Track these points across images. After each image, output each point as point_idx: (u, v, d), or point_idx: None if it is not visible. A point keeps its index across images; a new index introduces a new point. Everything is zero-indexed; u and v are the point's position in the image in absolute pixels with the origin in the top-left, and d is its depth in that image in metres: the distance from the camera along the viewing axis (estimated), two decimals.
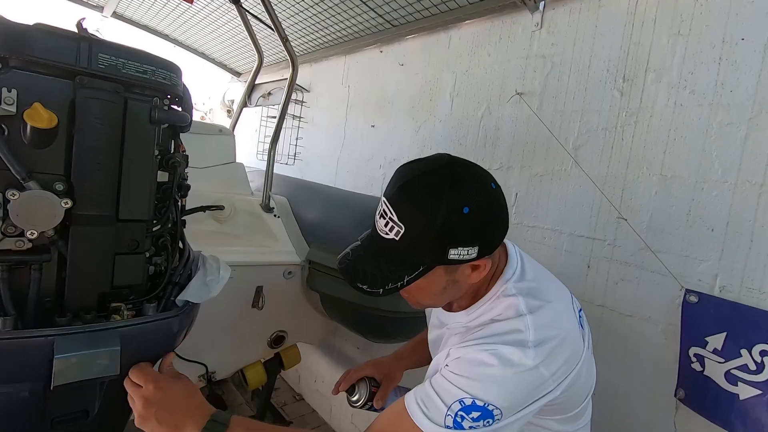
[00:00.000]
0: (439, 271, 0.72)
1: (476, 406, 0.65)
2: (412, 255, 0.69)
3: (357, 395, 0.96)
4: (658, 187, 1.37)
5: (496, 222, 0.73)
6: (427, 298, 0.79)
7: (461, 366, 0.69)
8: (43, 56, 0.65)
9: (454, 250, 0.68)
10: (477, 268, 0.74)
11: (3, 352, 0.60)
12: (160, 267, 0.84)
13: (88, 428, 0.77)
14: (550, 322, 0.73)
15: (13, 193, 0.61)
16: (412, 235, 0.68)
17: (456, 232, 0.68)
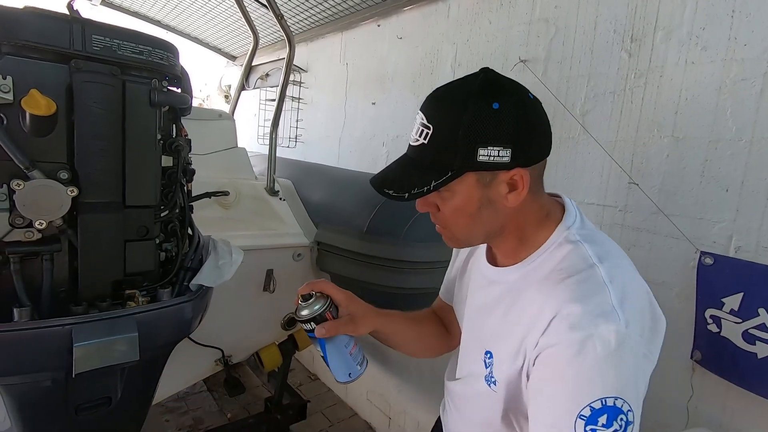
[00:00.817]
0: (470, 180, 0.65)
1: (597, 410, 0.56)
2: (441, 158, 0.64)
3: (307, 309, 0.76)
4: (669, 149, 1.34)
5: (533, 128, 0.64)
6: (460, 219, 0.69)
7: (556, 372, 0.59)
8: (36, 40, 0.63)
9: (483, 149, 0.62)
10: (514, 188, 0.65)
11: (22, 342, 0.60)
12: (171, 253, 0.84)
13: (112, 414, 0.77)
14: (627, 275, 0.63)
15: (18, 183, 0.60)
16: (439, 134, 0.64)
17: (484, 127, 0.62)
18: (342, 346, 0.78)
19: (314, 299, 0.78)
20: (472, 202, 0.66)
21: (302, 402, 2.11)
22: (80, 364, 0.61)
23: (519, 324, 0.65)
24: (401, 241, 1.52)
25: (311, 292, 0.79)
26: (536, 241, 0.70)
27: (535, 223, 0.71)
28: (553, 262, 0.67)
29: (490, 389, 0.70)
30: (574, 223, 0.69)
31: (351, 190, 1.80)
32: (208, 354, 1.61)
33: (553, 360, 0.59)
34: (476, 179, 0.65)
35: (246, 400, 2.74)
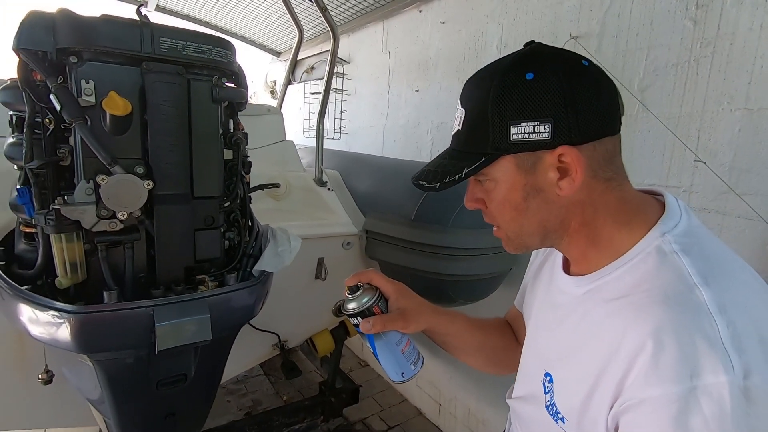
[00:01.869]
0: (509, 165, 0.55)
1: None
2: (474, 142, 0.57)
3: (355, 302, 0.70)
4: (742, 122, 1.24)
5: (582, 98, 0.52)
6: (506, 213, 0.59)
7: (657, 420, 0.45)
8: (112, 46, 0.68)
9: (516, 126, 0.53)
10: (565, 173, 0.54)
11: (111, 322, 0.66)
12: (234, 241, 0.89)
13: (187, 390, 0.84)
14: (748, 302, 0.48)
15: (102, 178, 0.66)
16: (470, 115, 0.56)
17: (515, 100, 0.53)
18: (393, 344, 0.71)
19: (362, 291, 0.71)
20: (516, 192, 0.57)
21: (354, 386, 2.17)
22: (161, 342, 0.66)
23: (587, 352, 0.54)
24: (449, 228, 1.52)
25: (359, 283, 0.73)
26: (616, 246, 0.56)
27: (613, 223, 0.57)
28: (636, 277, 0.52)
29: (558, 426, 0.59)
30: (675, 228, 0.54)
31: (397, 179, 1.82)
32: (265, 339, 1.69)
33: (645, 422, 0.46)
34: (515, 163, 0.55)
35: (300, 384, 2.85)
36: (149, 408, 0.83)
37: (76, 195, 0.68)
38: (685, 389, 0.42)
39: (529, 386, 0.67)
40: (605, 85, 0.55)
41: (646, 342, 0.45)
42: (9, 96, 0.74)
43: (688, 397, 0.42)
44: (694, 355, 0.43)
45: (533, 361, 0.68)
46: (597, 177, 0.54)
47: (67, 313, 0.65)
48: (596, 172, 0.54)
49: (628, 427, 0.48)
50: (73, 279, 0.71)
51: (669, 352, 0.44)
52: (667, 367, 0.44)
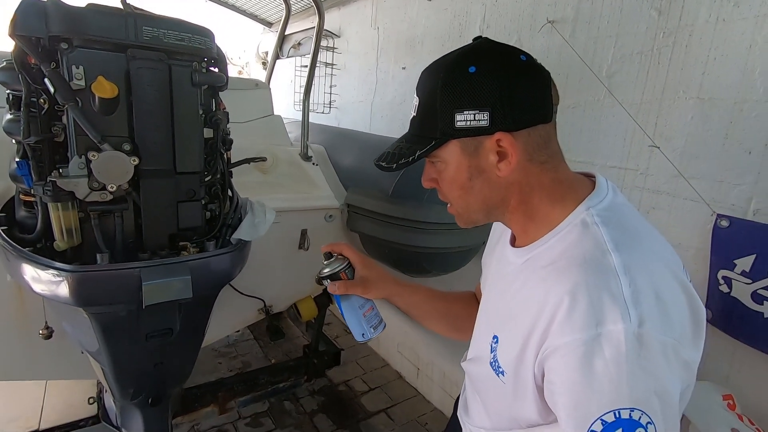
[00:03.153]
0: (455, 149, 0.63)
1: (610, 424, 0.51)
2: (425, 127, 0.64)
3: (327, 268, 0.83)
4: (694, 111, 1.33)
5: (517, 90, 0.59)
6: (454, 191, 0.67)
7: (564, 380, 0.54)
8: (99, 34, 0.75)
9: (460, 114, 0.60)
10: (503, 156, 0.61)
11: (104, 280, 0.77)
12: (215, 212, 0.98)
13: (174, 343, 0.95)
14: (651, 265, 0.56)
15: (93, 154, 0.75)
16: (423, 103, 0.64)
17: (459, 92, 0.60)
18: (356, 307, 0.82)
19: (334, 259, 0.84)
20: (461, 172, 0.64)
21: (336, 349, 2.31)
22: (148, 298, 0.77)
23: (524, 312, 0.61)
24: (423, 203, 1.61)
25: (332, 252, 0.86)
26: (551, 220, 0.64)
27: (548, 200, 0.64)
28: (563, 245, 0.60)
29: (499, 379, 0.66)
30: (600, 203, 0.62)
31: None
32: (251, 303, 1.81)
33: (560, 365, 0.54)
34: (460, 147, 0.63)
35: (288, 348, 3.01)
36: (140, 358, 0.94)
37: (70, 169, 0.76)
38: (591, 336, 0.50)
39: (479, 348, 0.75)
40: (539, 78, 0.62)
41: (563, 298, 0.53)
42: (6, 76, 0.81)
43: (593, 343, 0.50)
44: (600, 308, 0.51)
45: (485, 326, 0.76)
46: (533, 160, 0.62)
47: (65, 272, 0.75)
48: (532, 156, 0.62)
49: (549, 372, 0.56)
50: (69, 243, 0.80)
51: (580, 306, 0.52)
52: (577, 318, 0.52)
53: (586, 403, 0.52)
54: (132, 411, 1.11)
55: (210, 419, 2.14)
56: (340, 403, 2.57)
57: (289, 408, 2.48)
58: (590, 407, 0.51)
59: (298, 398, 2.57)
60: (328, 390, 2.67)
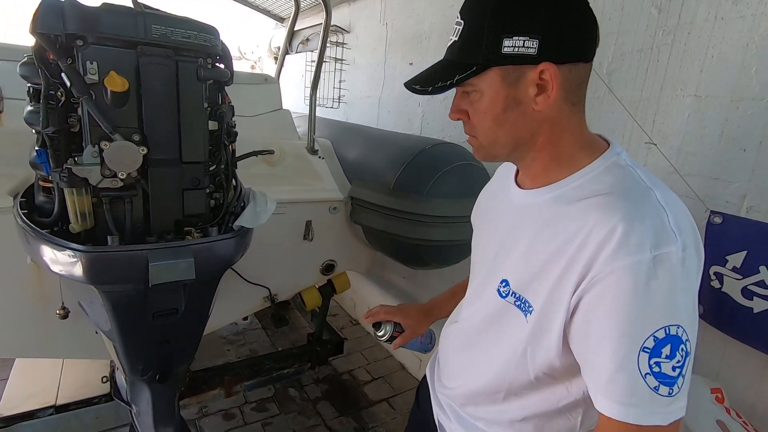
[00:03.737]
0: (495, 77, 0.62)
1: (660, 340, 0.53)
2: (468, 51, 0.62)
3: (382, 332, 1.06)
4: (691, 108, 1.35)
5: (568, 20, 0.59)
6: (486, 122, 0.66)
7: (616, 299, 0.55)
8: (111, 32, 0.81)
9: (509, 39, 0.59)
10: (543, 89, 0.61)
11: (114, 260, 0.83)
12: (219, 200, 1.04)
13: (179, 322, 1.02)
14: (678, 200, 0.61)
15: (105, 143, 0.81)
16: (468, 27, 0.62)
17: (511, 15, 0.59)
18: (415, 342, 1.09)
19: (384, 325, 1.07)
20: (497, 102, 0.63)
21: (339, 339, 2.38)
22: (154, 278, 0.83)
23: (556, 247, 0.61)
24: (424, 196, 1.65)
25: (380, 321, 1.07)
26: (576, 163, 0.65)
27: (574, 143, 0.66)
28: (600, 184, 0.62)
29: (523, 318, 0.66)
30: (623, 153, 0.66)
31: (382, 149, 1.94)
32: (257, 291, 1.87)
33: (610, 290, 0.55)
34: (501, 76, 0.61)
35: (294, 337, 3.09)
36: (147, 336, 1.01)
37: (84, 157, 0.82)
38: (649, 258, 0.53)
39: (484, 298, 0.76)
40: (589, 15, 0.62)
41: (617, 226, 0.55)
42: (27, 71, 0.88)
43: (651, 264, 0.53)
44: (653, 233, 0.54)
45: (487, 274, 0.76)
46: (567, 99, 0.63)
47: (80, 252, 0.81)
48: (567, 94, 0.62)
49: (593, 301, 0.57)
50: (83, 226, 0.87)
51: (636, 232, 0.54)
52: (633, 243, 0.54)
53: (639, 322, 0.54)
54: (141, 387, 1.18)
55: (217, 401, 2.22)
56: (343, 391, 2.63)
57: (293, 395, 2.56)
58: (644, 325, 0.53)
59: (302, 385, 2.64)
60: (332, 378, 2.73)
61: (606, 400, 0.57)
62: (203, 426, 2.25)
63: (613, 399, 0.56)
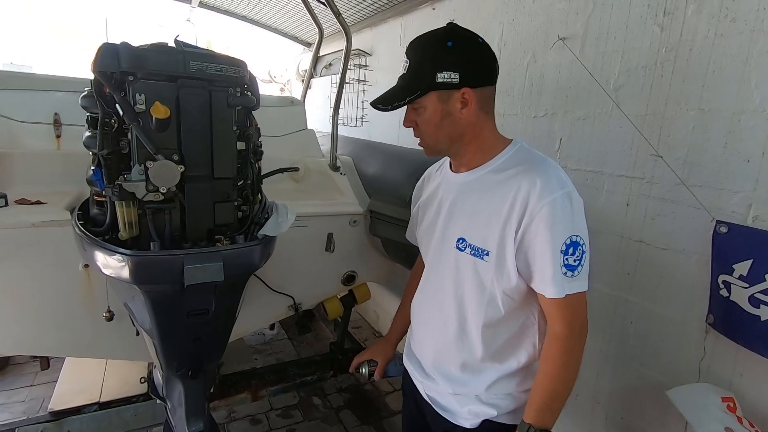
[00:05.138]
0: (434, 98, 0.93)
1: (569, 244, 0.88)
2: (414, 81, 0.94)
3: (363, 370, 1.38)
4: (695, 121, 1.38)
5: (477, 60, 0.94)
6: (429, 128, 0.97)
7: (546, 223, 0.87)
8: (157, 68, 0.95)
9: (440, 74, 0.90)
10: (465, 104, 0.93)
11: (156, 263, 0.95)
12: (246, 212, 1.16)
13: (210, 321, 1.13)
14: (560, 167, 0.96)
15: (150, 163, 0.94)
16: (412, 64, 0.95)
17: (440, 58, 0.91)
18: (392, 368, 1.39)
19: (362, 367, 1.40)
20: (436, 114, 0.94)
21: (360, 348, 2.45)
22: (188, 279, 0.95)
23: (497, 203, 0.93)
24: None
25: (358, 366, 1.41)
26: (496, 149, 0.99)
27: (491, 137, 1.00)
28: (515, 160, 0.96)
29: (482, 261, 0.96)
30: (523, 142, 1.02)
31: (399, 165, 2.04)
32: (282, 300, 1.99)
33: (543, 218, 0.87)
34: (437, 97, 0.93)
35: (318, 347, 3.18)
36: (182, 332, 1.13)
37: (132, 175, 0.96)
38: (564, 192, 0.89)
39: (442, 263, 1.07)
40: (489, 54, 0.97)
41: (536, 180, 0.89)
42: (87, 102, 1.03)
43: (564, 196, 0.88)
44: (558, 180, 0.90)
45: (441, 244, 1.07)
46: (482, 109, 0.97)
47: (127, 257, 0.94)
48: (482, 106, 0.96)
49: (532, 229, 0.88)
50: (130, 234, 1.00)
51: (549, 181, 0.89)
52: (549, 187, 0.88)
53: (560, 233, 0.87)
54: (175, 382, 1.30)
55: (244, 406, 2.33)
56: (365, 400, 2.70)
57: (317, 403, 2.64)
58: (563, 235, 0.87)
59: (326, 394, 2.73)
60: (355, 388, 2.81)
61: (550, 288, 0.90)
62: (231, 430, 2.37)
63: (553, 285, 0.89)
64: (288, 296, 2.00)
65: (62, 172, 1.71)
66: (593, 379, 1.72)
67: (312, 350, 3.13)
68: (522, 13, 2.03)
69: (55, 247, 1.40)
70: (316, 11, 2.57)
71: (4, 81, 1.84)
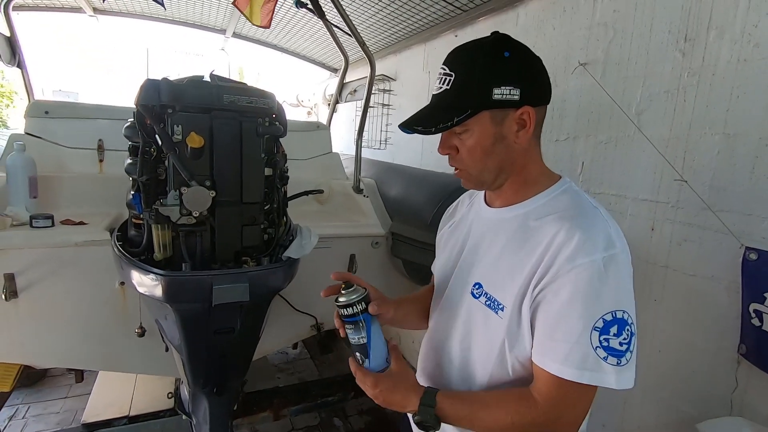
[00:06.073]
0: (485, 119, 0.75)
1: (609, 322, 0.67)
2: (461, 98, 0.74)
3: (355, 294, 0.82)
4: (720, 146, 1.37)
5: (537, 73, 0.77)
6: (476, 154, 0.78)
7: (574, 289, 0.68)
8: (193, 102, 1.03)
9: (498, 89, 0.73)
10: (523, 125, 0.76)
11: (186, 283, 1.01)
12: (271, 234, 1.22)
13: (235, 340, 1.18)
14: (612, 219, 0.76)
15: (184, 189, 1.01)
16: (459, 78, 0.75)
17: (498, 70, 0.73)
18: (381, 330, 0.83)
19: (354, 287, 0.84)
20: (487, 138, 0.76)
21: None
22: (216, 298, 1.00)
23: (521, 253, 0.76)
24: None
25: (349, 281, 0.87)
26: (540, 185, 0.81)
27: (538, 170, 0.83)
28: (558, 204, 0.78)
29: (496, 315, 0.77)
30: (572, 182, 0.83)
31: (421, 188, 2.08)
32: (305, 320, 2.03)
33: (571, 282, 0.69)
34: (490, 117, 0.75)
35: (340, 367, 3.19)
36: (209, 349, 1.18)
37: (168, 199, 1.03)
38: (601, 258, 0.68)
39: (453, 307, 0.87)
40: (544, 70, 0.80)
41: (574, 234, 0.70)
42: (129, 132, 1.12)
43: (602, 262, 0.68)
44: (603, 239, 0.70)
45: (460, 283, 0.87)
46: (534, 134, 0.79)
47: (161, 276, 1.00)
48: (536, 131, 0.79)
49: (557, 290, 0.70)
50: (164, 255, 1.07)
51: (590, 238, 0.70)
52: (589, 247, 0.69)
53: (592, 306, 0.68)
54: (201, 398, 1.35)
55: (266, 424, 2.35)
56: (386, 423, 2.67)
57: (338, 424, 2.64)
58: (595, 309, 0.68)
59: (347, 415, 2.72)
60: (376, 411, 2.79)
61: (565, 368, 0.69)
62: None
63: (572, 366, 0.69)
64: (311, 316, 2.04)
65: (103, 193, 1.83)
66: (620, 410, 1.67)
67: (334, 370, 3.14)
68: (542, 39, 2.06)
69: (94, 265, 1.49)
70: (341, 40, 2.68)
71: (55, 111, 1.99)
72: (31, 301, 1.48)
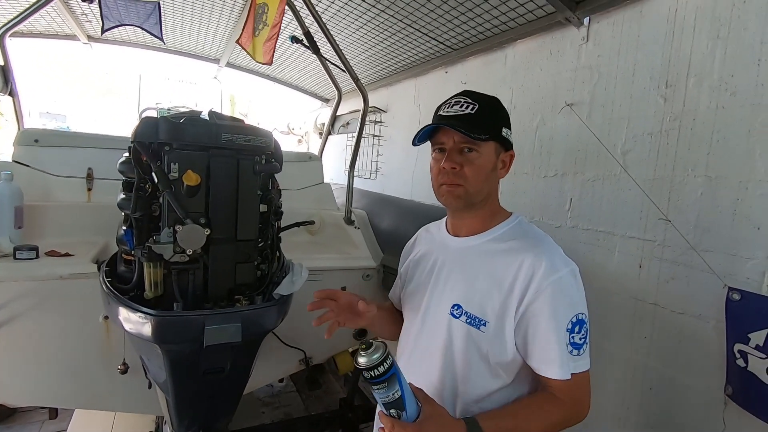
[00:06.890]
0: (491, 147, 0.94)
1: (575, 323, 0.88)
2: (485, 124, 0.92)
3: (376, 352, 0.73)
4: (703, 188, 1.42)
5: None
6: (480, 175, 0.93)
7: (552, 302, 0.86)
8: (191, 140, 1.03)
9: (505, 129, 0.96)
10: (504, 165, 0.98)
11: (177, 323, 0.99)
12: (264, 271, 1.21)
13: (224, 380, 1.15)
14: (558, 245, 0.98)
15: (179, 227, 1.00)
16: (483, 109, 0.93)
17: (506, 116, 0.98)
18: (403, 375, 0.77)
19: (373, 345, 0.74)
20: (489, 163, 0.95)
21: (371, 405, 2.39)
22: (208, 339, 0.98)
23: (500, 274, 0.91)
24: None
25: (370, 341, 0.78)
26: (500, 217, 1.01)
27: (498, 206, 1.03)
28: (515, 233, 0.98)
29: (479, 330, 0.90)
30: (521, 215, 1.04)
31: (412, 220, 2.09)
32: (293, 354, 1.98)
33: (547, 297, 0.87)
34: (495, 147, 0.95)
35: (328, 402, 3.10)
36: (197, 390, 1.14)
37: (162, 237, 1.02)
38: (566, 272, 0.90)
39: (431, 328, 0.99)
40: None
41: (541, 257, 0.89)
42: (124, 167, 1.11)
43: (568, 276, 0.90)
44: (561, 259, 0.92)
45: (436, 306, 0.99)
46: None
47: (150, 316, 0.98)
48: None
49: (538, 307, 0.87)
50: (155, 293, 1.05)
51: (554, 258, 0.91)
52: (556, 264, 0.89)
53: (566, 312, 0.88)
54: None
55: None
56: None
57: None
58: (569, 313, 0.88)
59: None
60: None
61: (555, 368, 0.87)
62: None
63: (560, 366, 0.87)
64: (300, 350, 2.00)
65: (91, 222, 1.79)
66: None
67: (321, 405, 3.05)
68: (530, 79, 2.14)
69: (78, 298, 1.45)
70: (334, 73, 2.74)
71: (45, 139, 1.98)
72: (10, 335, 1.42)
